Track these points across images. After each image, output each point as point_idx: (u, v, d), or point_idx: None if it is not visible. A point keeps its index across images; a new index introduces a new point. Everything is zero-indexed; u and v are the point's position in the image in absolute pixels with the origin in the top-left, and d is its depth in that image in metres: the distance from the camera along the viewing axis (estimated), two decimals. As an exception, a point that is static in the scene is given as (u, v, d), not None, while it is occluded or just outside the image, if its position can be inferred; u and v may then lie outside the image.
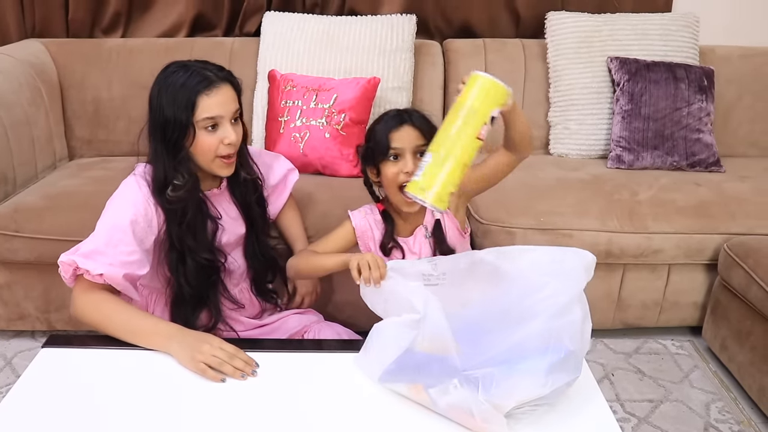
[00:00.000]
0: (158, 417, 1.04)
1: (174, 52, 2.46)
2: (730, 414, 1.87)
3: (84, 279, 1.30)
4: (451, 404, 1.02)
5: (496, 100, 0.96)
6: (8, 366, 2.03)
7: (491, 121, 1.04)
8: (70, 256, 1.29)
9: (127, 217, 1.31)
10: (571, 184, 2.18)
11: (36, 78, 2.34)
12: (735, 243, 1.96)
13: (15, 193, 2.12)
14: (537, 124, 2.53)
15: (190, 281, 1.41)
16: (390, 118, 1.40)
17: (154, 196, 1.35)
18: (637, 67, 2.38)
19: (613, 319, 2.15)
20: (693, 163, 2.34)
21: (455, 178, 1.00)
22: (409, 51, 2.41)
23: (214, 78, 1.35)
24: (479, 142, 0.98)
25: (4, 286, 2.03)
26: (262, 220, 1.59)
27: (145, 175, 1.38)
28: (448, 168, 1.00)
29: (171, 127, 1.34)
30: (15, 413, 1.05)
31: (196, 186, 1.40)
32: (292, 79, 2.25)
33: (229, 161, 1.40)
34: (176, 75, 1.35)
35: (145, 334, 1.23)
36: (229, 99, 1.37)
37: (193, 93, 1.33)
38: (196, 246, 1.40)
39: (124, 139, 2.49)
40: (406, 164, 1.35)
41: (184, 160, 1.36)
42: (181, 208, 1.37)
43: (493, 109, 0.96)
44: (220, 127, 1.36)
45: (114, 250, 1.28)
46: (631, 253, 2.01)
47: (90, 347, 1.24)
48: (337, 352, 1.24)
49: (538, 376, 0.99)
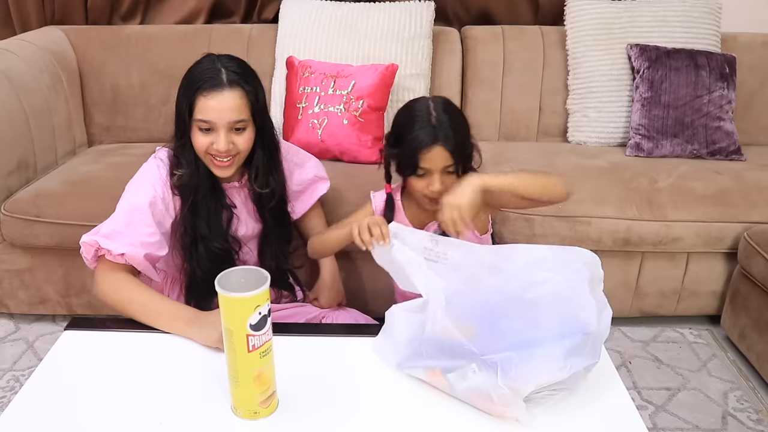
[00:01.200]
0: (180, 399, 1.06)
1: (192, 39, 2.47)
2: (749, 403, 1.86)
3: (105, 260, 1.30)
4: (470, 389, 1.02)
5: (245, 311, 0.93)
6: (30, 349, 2.06)
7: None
8: (92, 236, 1.30)
9: (146, 199, 1.32)
10: (589, 171, 2.16)
11: (56, 65, 2.36)
12: (756, 231, 1.94)
13: (36, 178, 2.14)
14: (555, 111, 2.51)
15: (202, 267, 1.42)
16: (422, 134, 1.32)
17: (170, 179, 1.36)
18: (658, 54, 2.35)
19: (630, 307, 2.14)
20: (713, 152, 2.32)
21: (254, 392, 0.99)
22: (428, 38, 2.40)
23: (221, 81, 1.30)
24: (255, 352, 0.96)
25: (25, 270, 2.06)
26: (278, 229, 1.54)
27: (167, 159, 1.39)
28: (243, 387, 0.99)
29: (178, 114, 1.35)
30: (38, 396, 1.06)
31: (201, 175, 1.39)
32: (310, 66, 2.25)
33: (221, 163, 1.35)
34: (198, 66, 1.34)
35: (165, 317, 1.23)
36: (230, 107, 1.30)
37: (195, 89, 1.31)
38: (210, 233, 1.40)
39: (143, 125, 2.51)
40: (432, 183, 1.35)
41: (186, 147, 1.37)
42: (192, 194, 1.38)
43: (248, 318, 0.93)
44: (214, 131, 1.32)
45: (134, 231, 1.29)
46: (649, 241, 1.99)
47: (112, 330, 1.24)
48: (355, 336, 1.24)
49: (556, 360, 0.99)
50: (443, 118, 1.34)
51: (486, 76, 2.50)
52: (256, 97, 1.36)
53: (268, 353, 0.98)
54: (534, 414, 1.00)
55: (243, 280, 0.96)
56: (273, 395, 1.03)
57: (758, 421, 1.79)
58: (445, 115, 1.34)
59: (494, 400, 1.00)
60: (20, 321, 2.20)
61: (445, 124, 1.33)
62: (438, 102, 1.37)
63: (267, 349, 0.98)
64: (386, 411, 1.05)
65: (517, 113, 2.52)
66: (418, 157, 1.32)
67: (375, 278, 2.00)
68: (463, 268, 1.13)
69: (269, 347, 0.98)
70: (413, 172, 1.35)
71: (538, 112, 2.52)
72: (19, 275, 2.06)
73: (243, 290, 0.93)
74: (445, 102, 1.39)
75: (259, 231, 1.53)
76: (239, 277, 0.98)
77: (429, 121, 1.33)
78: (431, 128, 1.32)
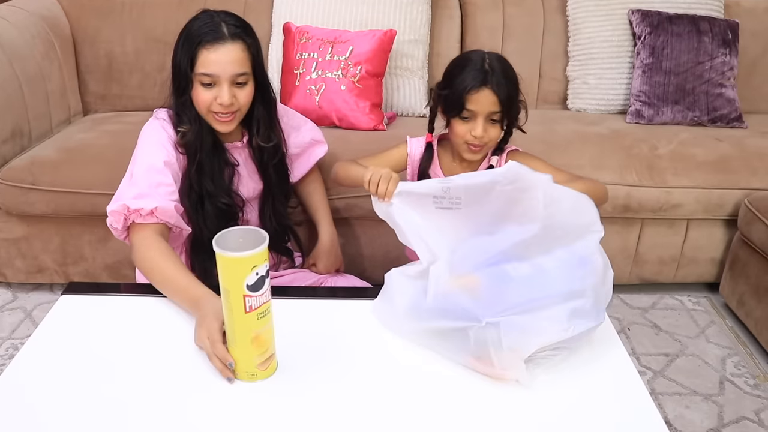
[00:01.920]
0: (179, 365, 1.05)
1: (187, 6, 2.42)
2: (746, 368, 1.86)
3: (136, 227, 1.26)
4: (470, 352, 1.02)
5: (242, 271, 0.91)
6: (28, 318, 2.06)
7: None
8: (118, 202, 1.25)
9: (161, 158, 1.30)
10: (589, 138, 2.15)
11: (49, 31, 2.32)
12: (756, 198, 1.93)
13: (31, 146, 2.12)
14: (555, 78, 2.49)
15: (209, 225, 1.41)
16: (473, 75, 1.34)
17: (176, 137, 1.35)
18: (660, 19, 2.32)
19: (629, 274, 2.14)
20: (714, 119, 2.30)
21: (251, 354, 0.98)
22: (426, 3, 2.36)
23: (223, 34, 1.29)
24: (252, 313, 0.94)
25: (21, 239, 2.05)
26: (279, 186, 1.55)
27: (168, 118, 1.37)
28: (240, 348, 0.98)
29: (177, 71, 1.33)
30: (35, 360, 1.06)
31: (204, 133, 1.37)
32: (307, 32, 2.22)
33: (223, 119, 1.35)
34: (197, 21, 1.32)
35: (176, 289, 1.19)
36: (232, 60, 1.30)
37: (196, 43, 1.29)
38: (215, 189, 1.39)
39: (138, 93, 2.48)
40: (475, 128, 1.35)
41: (187, 105, 1.35)
42: (197, 151, 1.36)
43: (245, 278, 0.91)
44: (216, 85, 1.31)
45: (156, 190, 1.27)
46: (649, 207, 1.99)
47: (110, 295, 1.24)
48: (353, 299, 1.23)
49: (560, 322, 0.98)
50: (496, 65, 1.36)
51: (485, 42, 2.47)
52: (257, 50, 1.36)
53: (266, 315, 0.97)
54: (534, 374, 1.00)
55: (241, 240, 0.95)
56: (271, 358, 1.02)
57: (755, 386, 1.79)
58: (498, 64, 1.36)
59: (494, 363, 0.99)
60: (18, 290, 2.20)
61: (497, 71, 1.34)
62: (493, 54, 1.39)
63: (265, 310, 0.97)
64: (384, 373, 1.04)
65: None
66: (465, 98, 1.34)
67: (373, 244, 2.00)
68: (480, 210, 1.11)
69: (267, 309, 0.97)
70: (458, 114, 1.36)
71: (537, 79, 2.50)
72: (16, 244, 2.05)
73: (241, 250, 0.92)
74: (499, 55, 1.40)
75: (260, 191, 1.53)
76: (237, 237, 0.97)
77: (482, 66, 1.35)
78: (483, 72, 1.34)
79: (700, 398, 1.75)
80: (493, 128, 1.37)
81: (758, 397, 1.75)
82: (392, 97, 2.32)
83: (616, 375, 1.05)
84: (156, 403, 0.97)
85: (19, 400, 0.97)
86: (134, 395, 0.98)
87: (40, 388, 0.99)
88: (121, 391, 0.99)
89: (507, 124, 1.40)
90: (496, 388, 1.00)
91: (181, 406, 0.96)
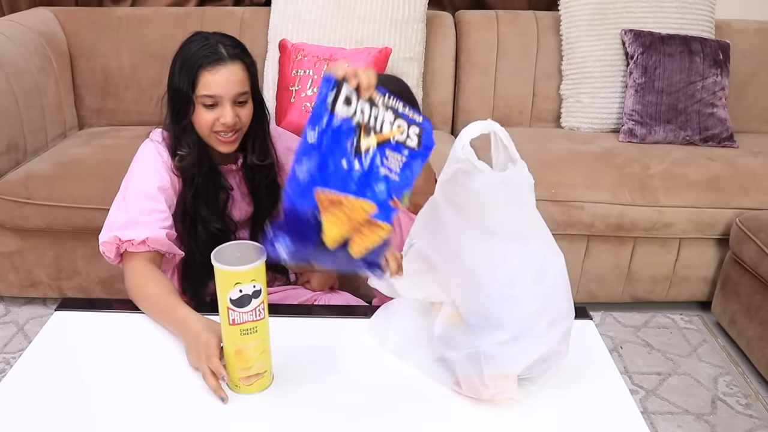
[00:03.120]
0: (171, 379, 1.05)
1: (184, 21, 2.45)
2: (738, 387, 1.87)
3: (129, 255, 1.27)
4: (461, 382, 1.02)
5: (226, 284, 0.93)
6: (21, 332, 2.05)
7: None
8: (109, 233, 1.26)
9: (155, 184, 1.30)
10: (582, 156, 2.16)
11: (46, 46, 2.33)
12: (747, 217, 1.95)
13: (26, 160, 2.13)
14: (549, 96, 2.51)
15: (201, 249, 1.41)
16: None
17: (172, 161, 1.35)
18: (652, 39, 2.35)
19: (622, 293, 2.15)
20: (706, 138, 2.32)
21: (234, 365, 0.99)
22: (421, 22, 2.39)
23: (222, 55, 1.30)
24: (235, 327, 0.96)
25: (15, 253, 2.04)
26: (270, 207, 1.53)
27: (163, 141, 1.37)
28: (226, 357, 1.00)
29: (176, 95, 1.33)
30: (28, 376, 1.05)
31: (203, 157, 1.37)
32: (303, 49, 2.24)
33: (225, 139, 1.35)
34: (192, 44, 1.32)
35: (163, 311, 1.19)
36: (234, 80, 1.31)
37: (196, 66, 1.29)
38: (209, 214, 1.39)
39: (134, 108, 2.49)
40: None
41: (187, 130, 1.35)
42: (191, 176, 1.37)
43: (228, 291, 0.93)
44: (219, 106, 1.32)
45: (149, 217, 1.27)
46: (642, 226, 2.00)
47: (103, 311, 1.24)
48: (348, 317, 1.24)
49: (540, 337, 0.98)
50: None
51: (479, 61, 2.49)
52: (255, 69, 1.37)
53: (252, 334, 0.97)
54: (530, 392, 1.01)
55: (239, 255, 0.96)
56: (258, 376, 1.01)
57: (747, 406, 1.80)
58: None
59: (482, 392, 0.99)
60: (10, 304, 2.19)
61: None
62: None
63: (250, 328, 0.97)
64: (378, 392, 1.04)
65: (511, 98, 2.51)
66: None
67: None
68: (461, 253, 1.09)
69: (253, 328, 0.97)
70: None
71: (531, 98, 2.52)
72: (10, 258, 2.05)
73: (236, 264, 0.93)
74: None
75: (250, 214, 1.53)
76: (237, 251, 0.97)
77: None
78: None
79: (692, 417, 1.75)
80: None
81: (750, 417, 1.76)
82: (387, 114, 2.33)
83: (608, 394, 1.05)
84: (149, 421, 0.96)
85: (11, 416, 0.97)
86: (127, 412, 0.98)
87: (33, 404, 0.99)
88: (115, 408, 0.98)
89: None
90: (489, 406, 1.00)
91: (174, 424, 0.96)
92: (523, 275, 1.01)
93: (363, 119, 0.92)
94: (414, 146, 0.95)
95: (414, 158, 0.95)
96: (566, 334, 1.02)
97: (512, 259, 1.01)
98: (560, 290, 1.02)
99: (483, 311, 1.03)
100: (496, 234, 1.01)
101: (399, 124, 0.94)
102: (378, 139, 0.92)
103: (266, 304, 0.98)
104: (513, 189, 0.99)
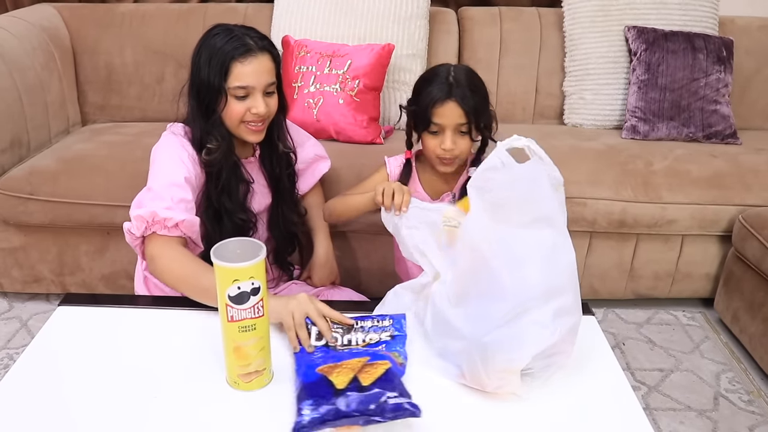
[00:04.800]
0: (174, 374, 1.05)
1: (187, 18, 2.44)
2: (740, 384, 1.87)
3: (154, 237, 1.25)
4: (465, 374, 1.03)
5: (225, 280, 0.93)
6: (24, 328, 2.06)
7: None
8: (145, 208, 1.24)
9: (182, 175, 1.30)
10: (585, 153, 2.16)
11: (49, 42, 2.34)
12: (750, 214, 1.95)
13: (29, 156, 2.13)
14: (552, 93, 2.51)
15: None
16: (437, 89, 1.37)
17: (198, 155, 1.35)
18: (655, 36, 2.34)
19: (624, 289, 2.15)
20: (709, 135, 2.31)
21: (232, 362, 1.00)
22: (424, 18, 2.38)
23: (252, 46, 1.32)
24: (233, 324, 0.96)
25: (19, 248, 2.05)
26: (290, 194, 1.58)
27: (185, 135, 1.37)
28: (225, 353, 1.00)
29: (205, 89, 1.33)
30: (31, 371, 1.06)
31: (231, 149, 1.39)
32: (306, 45, 2.24)
33: (256, 128, 1.38)
34: (217, 37, 1.33)
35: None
36: (264, 70, 1.34)
37: (228, 58, 1.30)
38: (232, 206, 1.41)
39: (137, 104, 2.49)
40: (444, 141, 1.38)
41: (216, 124, 1.36)
42: (218, 170, 1.37)
43: (226, 288, 0.93)
44: (251, 96, 1.34)
45: (179, 206, 1.27)
46: (644, 223, 2.00)
47: (106, 306, 1.24)
48: (350, 312, 1.23)
49: (545, 326, 0.98)
50: (461, 78, 1.39)
51: (482, 57, 2.49)
52: (280, 60, 1.40)
53: (250, 331, 0.97)
54: (532, 387, 1.01)
55: (239, 252, 0.96)
56: (257, 373, 1.02)
57: (749, 402, 1.80)
58: (463, 76, 1.40)
59: (487, 384, 1.00)
60: (14, 299, 2.20)
61: (462, 84, 1.38)
62: (459, 66, 1.43)
63: (248, 326, 0.97)
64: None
65: (514, 95, 2.51)
66: (432, 112, 1.37)
67: (369, 257, 2.01)
68: (471, 243, 1.10)
69: (252, 325, 0.97)
70: (427, 128, 1.39)
71: (534, 94, 2.52)
72: (13, 253, 2.06)
73: (236, 261, 0.93)
74: (466, 67, 1.44)
75: (267, 205, 1.54)
76: (244, 248, 0.98)
77: (446, 79, 1.38)
78: (447, 85, 1.37)
79: (694, 414, 1.75)
80: (462, 140, 1.40)
81: (752, 413, 1.76)
82: (390, 111, 2.33)
83: (610, 390, 1.05)
84: (152, 416, 0.97)
85: (15, 411, 0.97)
86: (130, 407, 0.98)
87: (37, 399, 1.00)
88: (118, 403, 0.99)
89: (481, 135, 1.43)
90: (491, 400, 1.01)
91: (176, 419, 0.96)
92: (531, 256, 1.02)
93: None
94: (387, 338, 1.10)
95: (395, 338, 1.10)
96: (571, 331, 1.03)
97: (522, 242, 1.03)
98: (568, 280, 1.02)
99: (486, 288, 1.03)
100: (509, 222, 1.04)
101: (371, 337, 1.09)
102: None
103: (266, 301, 0.98)
104: (527, 183, 1.06)
